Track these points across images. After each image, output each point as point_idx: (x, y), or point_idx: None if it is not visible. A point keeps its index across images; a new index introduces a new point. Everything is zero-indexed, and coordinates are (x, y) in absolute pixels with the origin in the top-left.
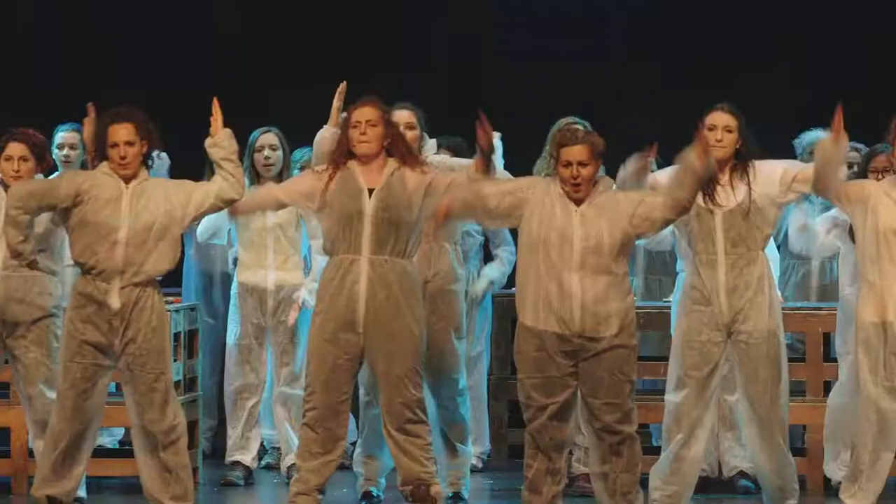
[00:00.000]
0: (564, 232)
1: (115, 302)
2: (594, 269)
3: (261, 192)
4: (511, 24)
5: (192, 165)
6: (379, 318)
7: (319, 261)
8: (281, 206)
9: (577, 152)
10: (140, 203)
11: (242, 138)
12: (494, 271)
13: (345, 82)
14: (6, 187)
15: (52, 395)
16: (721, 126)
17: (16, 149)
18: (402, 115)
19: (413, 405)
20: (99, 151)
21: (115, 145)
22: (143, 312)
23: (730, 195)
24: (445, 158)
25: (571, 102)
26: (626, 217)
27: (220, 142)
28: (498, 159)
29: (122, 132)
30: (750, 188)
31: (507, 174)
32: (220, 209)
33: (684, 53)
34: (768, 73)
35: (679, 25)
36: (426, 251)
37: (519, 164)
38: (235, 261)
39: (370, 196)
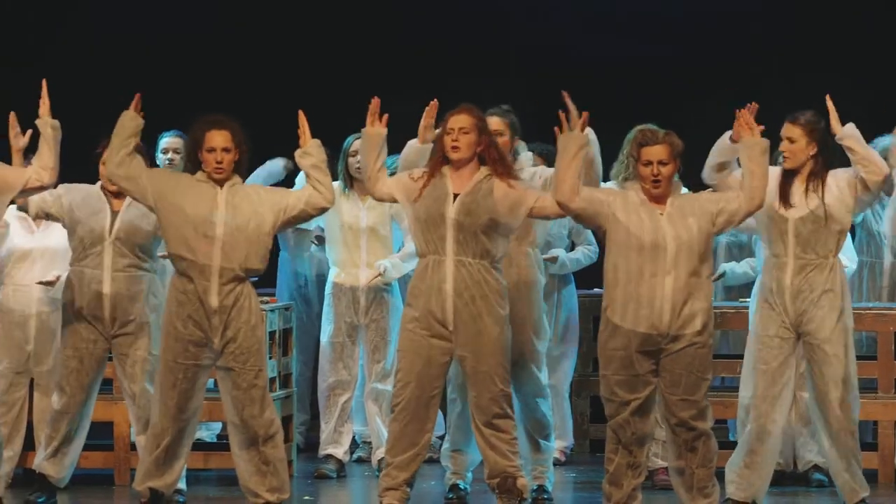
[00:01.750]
0: (656, 235)
1: (213, 300)
2: (686, 270)
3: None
4: (596, 29)
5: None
6: (467, 317)
7: (410, 245)
8: (392, 198)
9: (657, 151)
10: (234, 203)
11: (337, 144)
12: (563, 253)
13: (435, 100)
14: (106, 191)
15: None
16: (786, 137)
17: None
18: (492, 122)
19: (501, 400)
20: (193, 156)
21: (212, 150)
22: (241, 312)
23: (803, 201)
24: (540, 170)
25: (650, 108)
26: (710, 216)
27: (309, 150)
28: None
29: (219, 138)
30: (823, 197)
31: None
32: (311, 217)
33: (767, 59)
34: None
35: (763, 32)
36: (510, 255)
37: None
38: (318, 238)
39: (454, 200)
